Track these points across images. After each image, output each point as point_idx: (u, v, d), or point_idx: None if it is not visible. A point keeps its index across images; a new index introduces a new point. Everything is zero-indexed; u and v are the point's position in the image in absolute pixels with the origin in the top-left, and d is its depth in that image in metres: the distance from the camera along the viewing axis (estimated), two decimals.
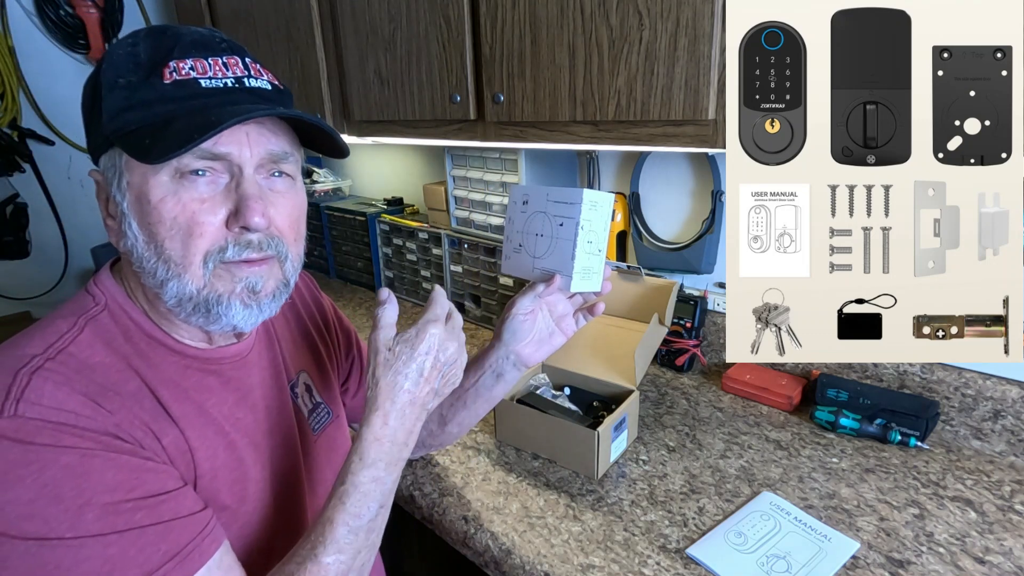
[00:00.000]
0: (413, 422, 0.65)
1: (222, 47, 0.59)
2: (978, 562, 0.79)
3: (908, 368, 1.10)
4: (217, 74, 0.57)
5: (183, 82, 0.56)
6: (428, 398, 0.66)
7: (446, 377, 0.68)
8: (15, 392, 0.50)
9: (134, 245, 0.58)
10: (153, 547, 0.52)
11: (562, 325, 0.78)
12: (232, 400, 0.65)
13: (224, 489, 0.62)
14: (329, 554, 0.58)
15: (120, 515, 0.51)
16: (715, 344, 1.35)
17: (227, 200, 0.58)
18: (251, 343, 0.70)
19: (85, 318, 0.58)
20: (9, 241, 1.92)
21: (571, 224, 0.68)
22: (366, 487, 0.61)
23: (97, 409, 0.53)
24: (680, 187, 1.36)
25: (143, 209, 0.57)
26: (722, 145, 0.87)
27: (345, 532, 0.60)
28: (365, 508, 0.61)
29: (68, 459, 0.50)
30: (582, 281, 0.70)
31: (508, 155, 1.43)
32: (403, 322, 0.63)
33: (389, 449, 0.63)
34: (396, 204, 1.95)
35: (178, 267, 0.57)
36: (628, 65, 0.92)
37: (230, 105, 0.57)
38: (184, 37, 0.57)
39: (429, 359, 0.66)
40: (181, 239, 0.56)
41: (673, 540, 0.84)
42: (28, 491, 0.48)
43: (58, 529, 0.48)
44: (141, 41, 0.57)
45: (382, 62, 1.33)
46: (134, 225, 0.57)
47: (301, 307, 0.83)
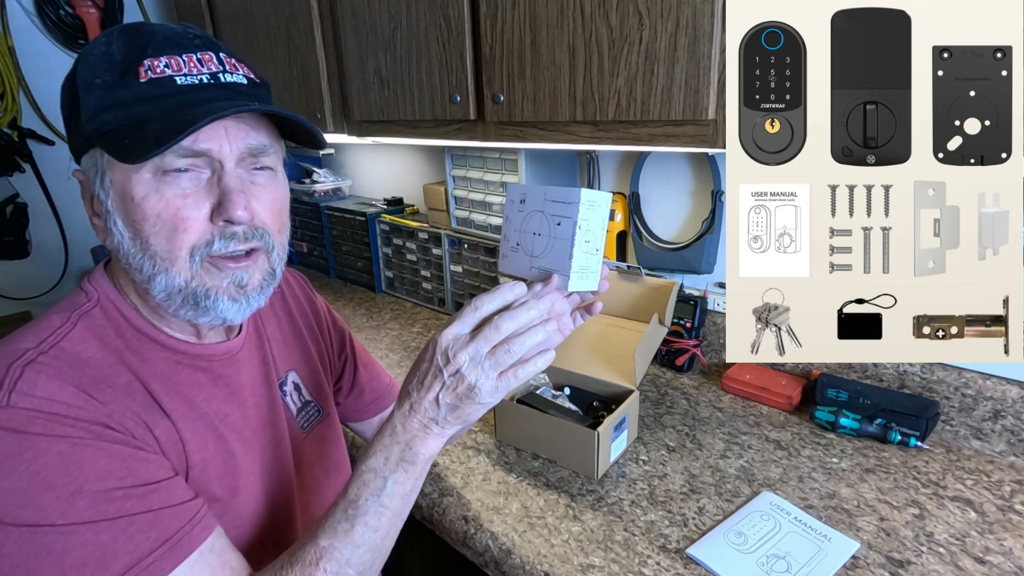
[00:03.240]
0: (417, 429, 0.61)
1: (196, 43, 0.59)
2: (978, 562, 0.79)
3: (908, 368, 1.10)
4: (192, 71, 0.57)
5: (159, 80, 0.56)
6: (431, 408, 0.60)
7: (458, 403, 0.60)
8: (8, 383, 0.51)
9: (120, 242, 0.59)
10: (143, 534, 0.52)
11: (559, 324, 0.78)
12: (221, 396, 0.66)
13: (215, 481, 0.63)
14: (325, 537, 0.58)
15: (111, 503, 0.52)
16: (715, 344, 1.35)
17: (210, 194, 0.58)
18: (241, 342, 0.71)
19: (78, 313, 0.59)
20: (9, 241, 1.92)
21: (568, 224, 0.68)
22: (364, 476, 0.60)
23: (89, 400, 0.54)
24: (680, 187, 1.36)
25: (127, 207, 0.57)
26: (722, 145, 0.87)
27: (341, 516, 0.59)
28: (361, 496, 0.59)
29: (60, 448, 0.51)
30: (580, 280, 0.71)
31: (508, 155, 1.43)
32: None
33: (388, 443, 0.61)
34: (396, 204, 1.95)
35: (164, 262, 0.58)
36: (628, 65, 0.92)
37: (205, 103, 0.57)
38: (157, 35, 0.58)
39: (431, 368, 0.61)
40: (166, 235, 0.57)
41: (673, 540, 0.84)
42: (21, 479, 0.49)
43: (50, 516, 0.49)
44: (115, 40, 0.57)
45: (382, 62, 1.33)
46: (119, 222, 0.58)
47: (294, 307, 0.83)
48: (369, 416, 0.94)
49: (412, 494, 0.62)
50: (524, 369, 0.60)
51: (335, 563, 0.57)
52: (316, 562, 0.57)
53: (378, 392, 0.94)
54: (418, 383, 0.61)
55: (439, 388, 0.60)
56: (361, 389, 0.92)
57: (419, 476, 0.61)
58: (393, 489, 0.59)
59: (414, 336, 1.60)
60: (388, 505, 0.59)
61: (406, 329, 1.65)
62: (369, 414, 0.94)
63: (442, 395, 0.59)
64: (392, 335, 1.61)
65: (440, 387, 0.59)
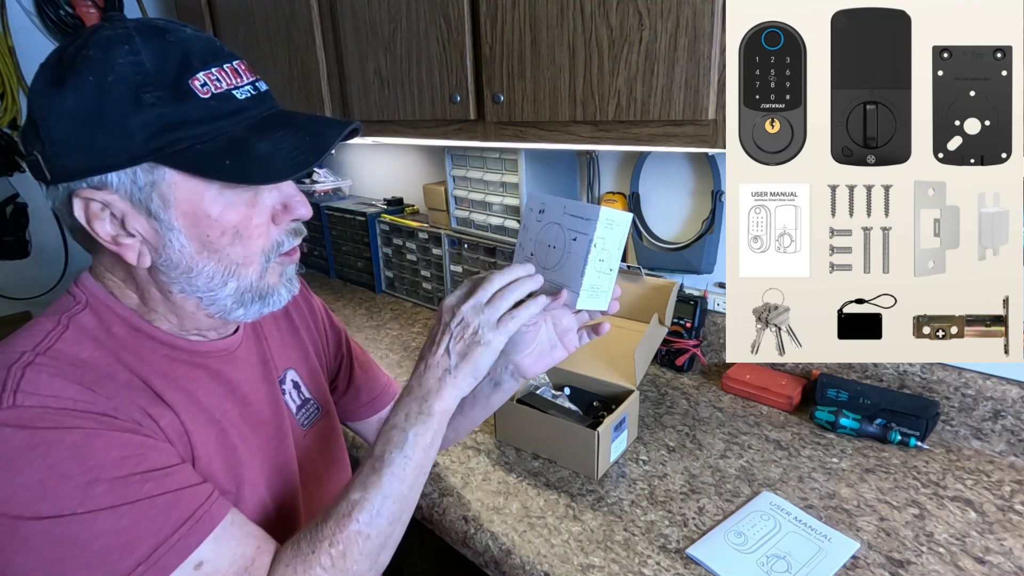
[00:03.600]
0: (432, 383, 0.66)
1: (225, 51, 0.59)
2: (978, 562, 0.79)
3: (908, 368, 1.10)
4: (237, 82, 0.58)
5: (221, 96, 0.57)
6: (443, 359, 0.66)
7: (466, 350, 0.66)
8: (11, 384, 0.51)
9: (179, 259, 0.59)
10: (164, 515, 0.53)
11: (565, 339, 0.77)
12: (220, 392, 0.67)
13: (219, 474, 0.63)
14: (356, 491, 0.62)
15: (129, 487, 0.52)
16: (715, 344, 1.35)
17: (270, 198, 0.62)
18: (239, 340, 0.71)
19: (68, 316, 0.59)
20: (9, 241, 1.92)
21: (584, 240, 0.67)
22: (388, 433, 0.65)
23: (94, 395, 0.54)
24: (680, 187, 1.36)
25: (199, 223, 0.58)
26: (722, 145, 0.87)
27: (369, 471, 0.63)
28: (387, 451, 0.63)
29: (72, 439, 0.51)
30: (589, 299, 0.70)
31: (508, 155, 1.43)
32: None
33: (407, 401, 0.66)
34: (396, 204, 1.95)
35: (240, 267, 0.61)
36: (628, 65, 0.92)
37: (307, 121, 0.61)
38: (190, 43, 0.57)
39: (439, 328, 0.68)
40: (242, 243, 0.60)
41: (673, 540, 0.84)
42: (36, 473, 0.49)
43: (70, 505, 0.49)
44: (141, 48, 0.54)
45: (382, 62, 1.33)
46: (181, 238, 0.58)
47: (291, 307, 0.84)
48: (366, 416, 0.94)
49: (432, 448, 0.66)
50: (522, 312, 0.67)
51: (367, 513, 0.61)
52: (349, 513, 0.60)
53: (375, 392, 0.94)
54: (429, 344, 0.68)
55: (448, 340, 0.66)
56: (357, 389, 0.92)
57: (438, 430, 0.66)
58: (415, 441, 0.64)
59: (414, 336, 1.60)
60: (411, 456, 0.63)
61: (406, 329, 1.65)
62: (366, 414, 0.94)
63: (451, 344, 0.66)
64: (392, 335, 1.61)
65: (448, 338, 0.66)
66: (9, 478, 0.49)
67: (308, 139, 0.59)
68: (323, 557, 0.58)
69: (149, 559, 0.51)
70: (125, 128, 0.53)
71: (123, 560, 0.50)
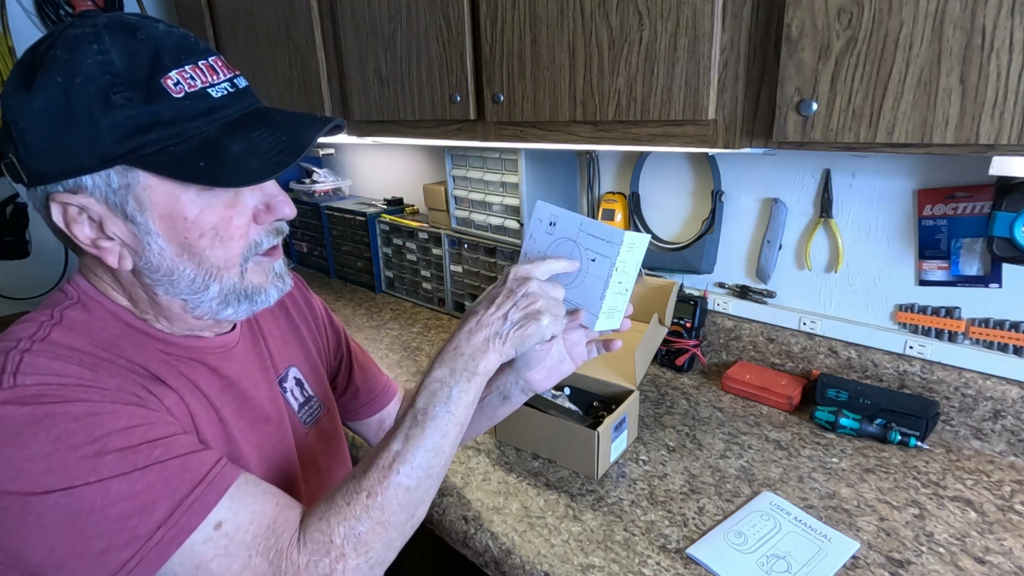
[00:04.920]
0: (480, 343, 0.65)
1: (200, 47, 0.57)
2: (978, 562, 0.79)
3: (908, 368, 1.10)
4: (213, 79, 0.57)
5: (195, 95, 0.55)
6: (498, 322, 0.65)
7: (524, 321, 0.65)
8: (10, 367, 0.51)
9: (159, 262, 0.58)
10: (178, 477, 0.52)
11: (573, 353, 0.77)
12: (219, 385, 0.66)
13: None
14: (397, 443, 0.61)
15: (139, 454, 0.51)
16: (715, 344, 1.35)
17: (251, 198, 0.60)
18: (236, 337, 0.71)
19: (60, 309, 0.59)
20: (9, 241, 1.92)
21: (605, 263, 0.66)
22: (432, 386, 0.63)
23: (95, 374, 0.54)
24: (680, 187, 1.36)
25: (176, 225, 0.56)
26: (722, 145, 0.88)
27: (410, 423, 0.62)
28: (431, 404, 0.62)
29: (77, 410, 0.50)
30: (606, 320, 0.69)
31: (508, 155, 1.43)
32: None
33: (452, 356, 0.64)
34: (396, 204, 1.96)
35: (221, 270, 0.60)
36: (628, 65, 0.93)
37: (283, 118, 0.59)
38: (162, 39, 0.55)
39: (503, 291, 0.67)
40: (223, 245, 0.59)
41: (673, 540, 0.84)
42: (43, 445, 0.48)
43: (81, 475, 0.49)
44: (111, 46, 0.52)
45: (382, 62, 1.33)
46: (160, 241, 0.57)
47: (291, 306, 0.84)
48: (366, 416, 0.94)
49: (471, 407, 0.65)
50: (564, 320, 0.68)
51: (408, 465, 0.59)
52: (391, 464, 0.59)
53: (374, 392, 0.94)
54: (487, 303, 0.66)
55: (509, 306, 0.65)
56: (356, 389, 0.92)
57: (478, 389, 0.65)
58: (459, 398, 0.63)
59: (414, 336, 1.60)
60: (455, 412, 0.62)
61: (406, 329, 1.65)
62: (366, 414, 0.94)
63: (512, 312, 0.65)
64: (392, 335, 1.61)
65: (511, 305, 0.65)
66: (15, 452, 0.48)
67: (285, 138, 0.57)
68: (358, 508, 0.57)
69: (168, 520, 0.51)
70: (95, 130, 0.52)
71: (143, 523, 0.50)
